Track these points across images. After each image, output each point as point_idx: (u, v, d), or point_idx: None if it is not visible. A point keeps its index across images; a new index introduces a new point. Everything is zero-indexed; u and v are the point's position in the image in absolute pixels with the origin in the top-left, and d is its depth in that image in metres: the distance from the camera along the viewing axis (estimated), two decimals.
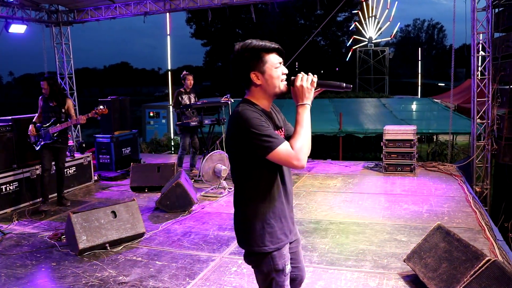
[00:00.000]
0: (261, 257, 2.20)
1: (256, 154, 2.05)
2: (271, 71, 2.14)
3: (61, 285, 3.94)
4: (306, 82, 2.15)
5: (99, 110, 6.41)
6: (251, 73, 2.14)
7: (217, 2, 9.85)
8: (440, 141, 15.06)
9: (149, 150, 14.87)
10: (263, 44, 2.15)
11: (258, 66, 2.13)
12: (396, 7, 31.66)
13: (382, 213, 5.91)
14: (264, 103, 2.20)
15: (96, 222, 4.79)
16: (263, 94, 2.19)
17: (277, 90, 2.18)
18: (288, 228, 2.26)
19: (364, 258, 4.38)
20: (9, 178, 6.45)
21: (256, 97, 2.19)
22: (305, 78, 2.16)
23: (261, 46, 2.14)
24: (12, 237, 5.30)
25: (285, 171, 2.25)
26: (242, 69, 2.16)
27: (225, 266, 4.28)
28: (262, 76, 2.14)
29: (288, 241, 2.28)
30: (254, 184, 2.17)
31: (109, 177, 8.38)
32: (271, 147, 2.01)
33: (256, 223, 2.18)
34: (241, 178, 2.20)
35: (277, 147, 2.01)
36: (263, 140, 2.01)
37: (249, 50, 2.13)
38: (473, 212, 5.73)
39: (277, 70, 2.15)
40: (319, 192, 7.17)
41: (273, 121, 2.22)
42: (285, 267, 2.22)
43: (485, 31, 8.25)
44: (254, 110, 2.10)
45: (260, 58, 2.13)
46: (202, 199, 6.81)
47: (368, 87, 35.37)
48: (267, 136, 2.01)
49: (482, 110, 8.41)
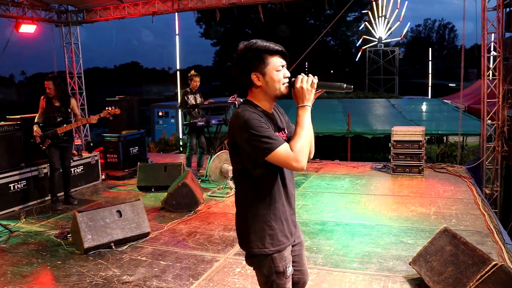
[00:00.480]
0: (261, 259, 2.18)
1: (255, 155, 2.04)
2: (272, 74, 2.12)
3: (66, 283, 3.95)
4: (306, 83, 2.13)
5: (112, 110, 6.45)
6: (252, 74, 2.12)
7: (225, 2, 9.85)
8: (450, 142, 14.93)
9: (157, 149, 14.93)
10: (266, 45, 2.12)
11: (259, 68, 2.11)
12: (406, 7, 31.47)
13: (389, 215, 5.85)
14: (265, 105, 2.18)
15: (101, 221, 4.80)
16: (263, 95, 2.17)
17: (278, 93, 2.16)
18: (289, 230, 2.24)
19: (369, 261, 4.33)
20: (17, 176, 6.50)
21: (257, 98, 2.18)
22: (305, 80, 2.14)
23: (264, 47, 2.12)
24: (19, 235, 5.33)
25: (286, 172, 2.23)
26: (244, 69, 2.14)
27: (229, 267, 4.27)
28: (263, 78, 2.13)
29: (290, 244, 2.26)
30: (254, 186, 2.15)
31: (117, 176, 8.41)
32: (270, 149, 1.99)
33: (256, 224, 2.16)
34: (241, 179, 2.19)
35: (276, 149, 1.99)
36: (262, 141, 1.99)
37: (252, 51, 2.11)
38: (482, 215, 5.65)
39: (279, 73, 2.13)
40: (326, 193, 7.13)
41: (274, 123, 2.20)
42: (286, 269, 2.20)
43: (495, 31, 8.15)
44: (254, 111, 2.09)
45: (262, 60, 2.11)
46: (208, 199, 6.80)
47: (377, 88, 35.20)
48: (266, 137, 1.99)
49: (493, 111, 8.31)
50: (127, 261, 4.46)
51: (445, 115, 16.71)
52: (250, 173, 2.13)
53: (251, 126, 2.01)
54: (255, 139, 2.00)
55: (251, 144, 2.01)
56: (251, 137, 2.00)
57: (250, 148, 2.03)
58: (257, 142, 2.00)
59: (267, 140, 1.99)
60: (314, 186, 7.61)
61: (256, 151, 2.02)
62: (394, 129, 8.41)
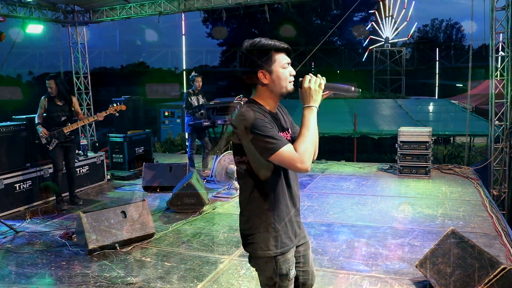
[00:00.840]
0: (265, 261, 2.16)
1: (259, 155, 2.01)
2: (279, 71, 2.11)
3: (70, 284, 3.94)
4: (314, 84, 2.11)
5: (117, 107, 6.51)
6: (259, 72, 2.10)
7: (231, 2, 9.82)
8: (457, 143, 14.81)
9: (163, 149, 14.94)
10: (272, 43, 2.12)
11: (266, 65, 2.10)
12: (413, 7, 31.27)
13: (395, 216, 5.80)
14: (270, 103, 2.16)
15: (106, 222, 4.79)
16: (269, 94, 2.15)
17: (284, 91, 2.14)
18: (293, 231, 2.22)
19: (375, 263, 4.29)
20: (23, 176, 6.51)
21: (262, 97, 2.15)
22: (313, 80, 2.11)
23: (270, 45, 2.11)
24: (24, 235, 5.33)
25: (290, 173, 2.20)
26: (250, 67, 2.12)
27: (234, 269, 4.24)
28: (270, 76, 2.11)
29: (293, 245, 2.23)
30: (258, 186, 2.12)
31: (122, 177, 8.42)
32: (274, 149, 1.96)
33: (260, 226, 2.14)
34: (245, 179, 2.17)
35: (280, 149, 1.96)
36: (265, 142, 1.97)
37: (258, 48, 2.10)
38: (490, 217, 5.58)
39: (285, 70, 2.12)
40: (331, 194, 7.08)
41: (278, 123, 2.18)
42: (289, 272, 2.18)
43: (504, 31, 8.05)
44: (258, 111, 2.07)
45: (268, 57, 2.10)
46: (213, 200, 6.78)
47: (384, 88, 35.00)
48: (269, 138, 1.97)
49: (501, 111, 8.22)
50: (132, 262, 4.44)
51: (452, 116, 16.58)
52: (254, 173, 2.11)
53: (255, 126, 1.98)
54: (259, 139, 1.98)
55: (255, 144, 1.99)
56: (255, 137, 1.98)
57: (254, 148, 2.01)
58: (260, 142, 1.98)
59: (271, 140, 1.97)
60: (320, 187, 7.56)
61: (260, 151, 1.99)
62: (401, 129, 8.34)
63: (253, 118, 2.01)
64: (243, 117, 2.04)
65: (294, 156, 1.97)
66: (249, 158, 2.08)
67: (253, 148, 2.01)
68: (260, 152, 1.99)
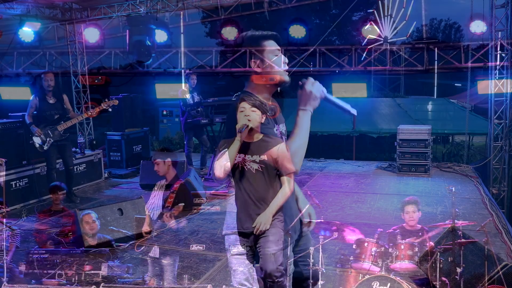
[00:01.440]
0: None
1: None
2: (271, 59, 2.10)
3: (66, 282, 3.89)
4: (316, 90, 2.10)
5: (109, 102, 6.43)
6: (251, 61, 2.10)
7: (229, 0, 9.76)
8: (456, 142, 14.79)
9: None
10: (260, 32, 2.15)
11: (257, 54, 2.09)
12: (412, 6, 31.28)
13: (394, 214, 5.77)
14: (263, 94, 2.13)
15: (102, 219, 4.75)
16: (263, 83, 2.12)
17: (278, 79, 2.12)
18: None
19: (374, 261, 4.24)
20: (19, 174, 6.45)
21: (256, 88, 2.13)
22: (316, 86, 2.10)
23: (258, 33, 2.14)
24: (20, 233, 5.27)
25: None
26: (242, 57, 2.12)
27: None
28: (262, 64, 2.09)
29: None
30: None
31: (120, 175, 8.37)
32: (266, 147, 1.95)
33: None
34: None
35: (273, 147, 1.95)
36: None
37: (248, 38, 2.11)
38: (490, 215, 5.55)
39: (277, 58, 2.11)
40: (330, 192, 7.04)
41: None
42: (288, 267, 2.16)
43: (504, 29, 8.03)
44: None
45: (258, 46, 2.11)
46: (211, 198, 6.74)
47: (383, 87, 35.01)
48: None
49: (500, 110, 8.20)
50: (128, 259, 4.42)
51: (451, 115, 16.53)
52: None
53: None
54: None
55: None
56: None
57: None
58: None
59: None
60: (318, 185, 7.53)
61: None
62: (400, 128, 8.32)
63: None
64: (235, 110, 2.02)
65: (285, 155, 1.98)
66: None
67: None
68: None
